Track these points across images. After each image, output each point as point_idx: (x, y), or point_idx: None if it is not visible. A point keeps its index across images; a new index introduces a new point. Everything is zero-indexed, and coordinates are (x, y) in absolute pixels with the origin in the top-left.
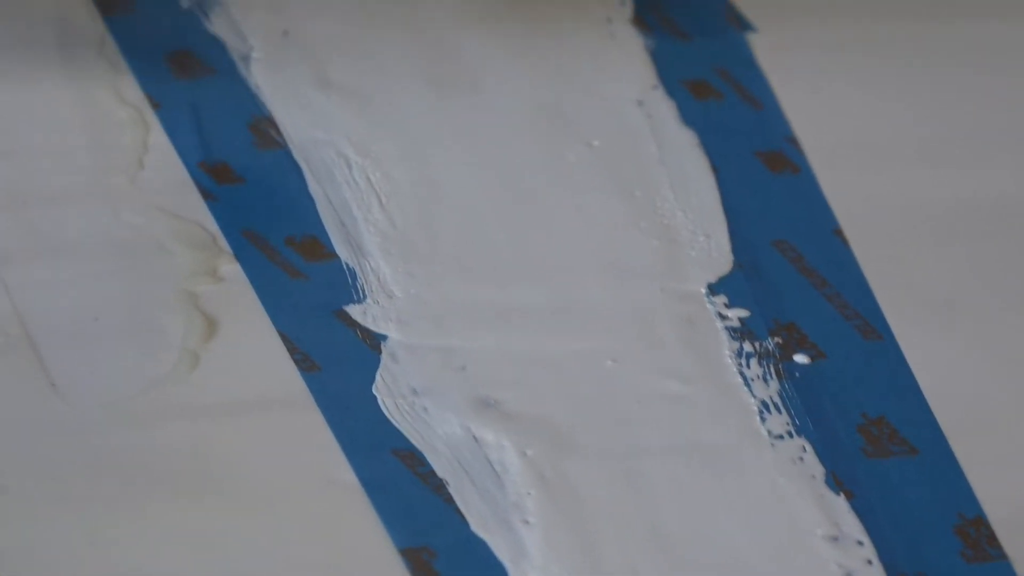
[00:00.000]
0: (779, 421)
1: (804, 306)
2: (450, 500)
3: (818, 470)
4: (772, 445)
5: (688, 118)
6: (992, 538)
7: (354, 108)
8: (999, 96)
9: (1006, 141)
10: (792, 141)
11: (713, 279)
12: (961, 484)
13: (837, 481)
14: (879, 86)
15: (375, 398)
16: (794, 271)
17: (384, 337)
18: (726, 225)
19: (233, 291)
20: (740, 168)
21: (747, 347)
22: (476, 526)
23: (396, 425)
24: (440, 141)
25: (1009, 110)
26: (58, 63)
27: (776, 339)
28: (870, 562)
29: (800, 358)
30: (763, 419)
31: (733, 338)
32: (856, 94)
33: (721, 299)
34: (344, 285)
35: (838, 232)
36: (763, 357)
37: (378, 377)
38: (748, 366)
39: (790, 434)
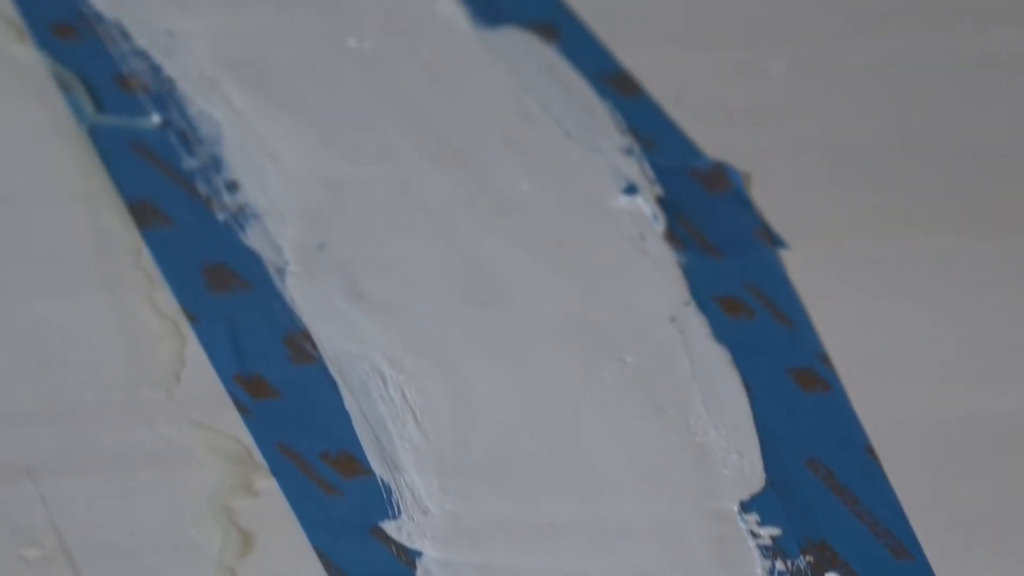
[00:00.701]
0: None
1: (836, 524)
2: None
3: None
4: None
5: (720, 335)
6: None
7: (388, 321)
8: None
9: None
10: (823, 358)
11: (745, 497)
12: None
13: None
14: (910, 302)
15: None
16: (825, 489)
17: (419, 554)
18: (758, 443)
19: (269, 506)
20: (772, 386)
21: (779, 566)
22: None
23: None
24: (473, 354)
25: None
26: (94, 275)
27: (808, 558)
28: None
29: None
30: None
31: (765, 556)
32: (887, 310)
33: (753, 517)
34: (379, 501)
35: (869, 450)
36: None
37: None
38: None
39: None
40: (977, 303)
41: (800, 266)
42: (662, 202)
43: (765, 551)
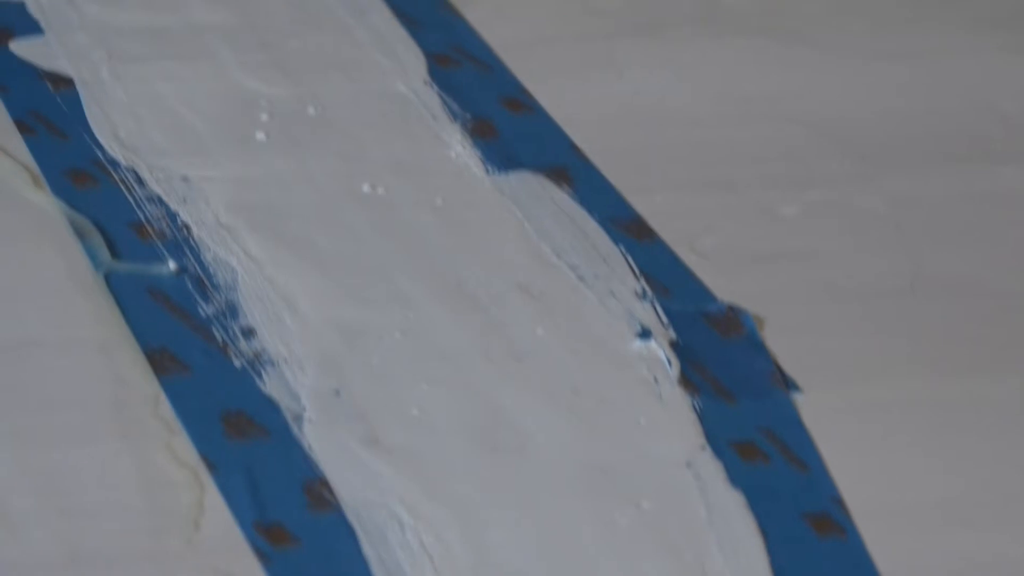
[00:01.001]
0: None
1: None
2: None
3: None
4: None
5: (736, 479)
6: None
7: (405, 468)
8: None
9: None
10: (838, 503)
11: None
12: None
13: None
14: (925, 446)
15: None
16: None
17: None
18: None
19: None
20: (787, 531)
21: None
22: None
23: None
24: (490, 501)
25: None
26: (113, 423)
27: None
28: None
29: None
30: None
31: None
32: (901, 454)
33: None
34: None
35: None
36: None
37: None
38: None
39: None
40: (990, 446)
41: (814, 410)
42: (676, 347)
43: None
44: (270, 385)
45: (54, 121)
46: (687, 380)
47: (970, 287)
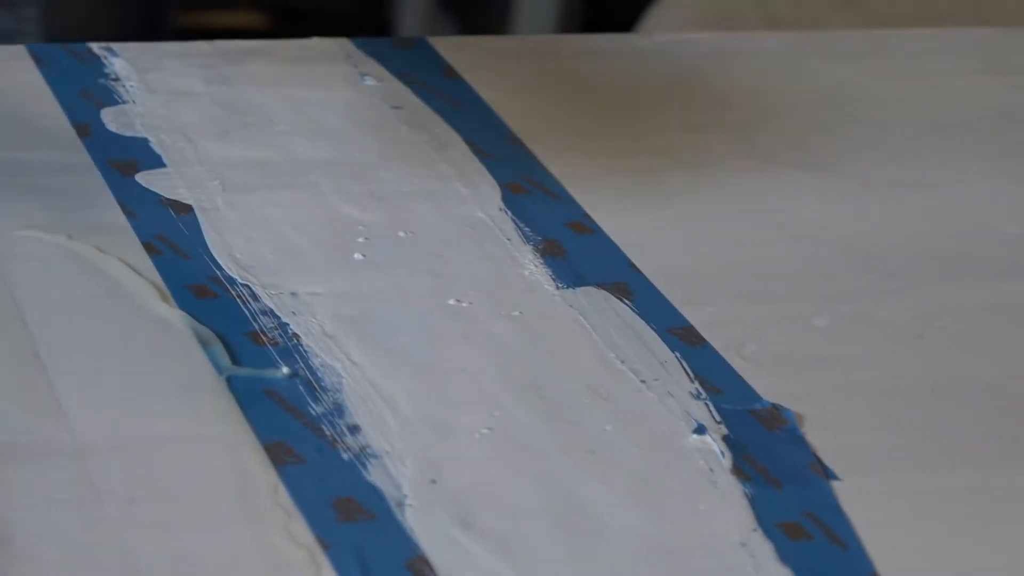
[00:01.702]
0: None
1: None
2: None
3: None
4: None
5: (784, 557)
6: None
7: (495, 549)
8: None
9: None
10: None
11: None
12: None
13: None
14: (950, 528)
15: None
16: None
17: None
18: None
19: None
20: None
21: None
22: None
23: None
24: None
25: None
26: (237, 510)
27: None
28: None
29: None
30: None
31: None
32: (930, 536)
33: None
34: None
35: None
36: None
37: None
38: None
39: None
40: (1009, 528)
41: (850, 496)
42: (728, 440)
43: None
44: (374, 475)
45: (177, 243)
46: (739, 469)
47: (984, 389)
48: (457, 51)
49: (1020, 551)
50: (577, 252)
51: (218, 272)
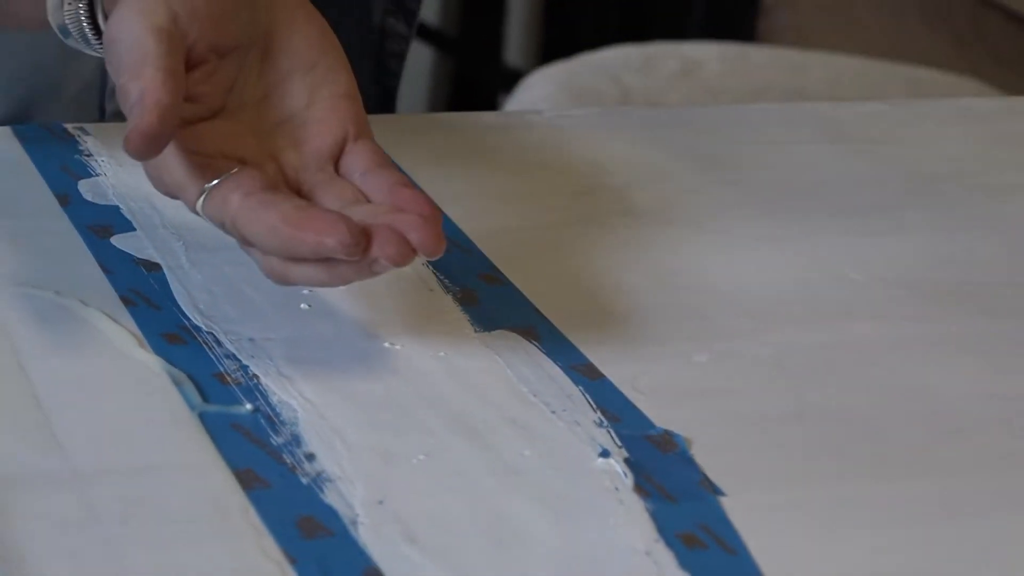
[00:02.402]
0: None
1: None
2: None
3: None
4: None
5: (684, 564)
6: None
7: (437, 560)
8: None
9: None
10: None
11: None
12: None
13: None
14: (825, 535)
15: None
16: None
17: None
18: None
19: None
20: None
21: None
22: None
23: None
24: None
25: None
26: (215, 528)
27: None
28: None
29: None
30: None
31: None
32: (808, 541)
33: None
34: None
35: None
36: None
37: None
38: None
39: None
40: (879, 532)
41: (735, 509)
42: (628, 462)
43: None
44: (330, 496)
45: (149, 296)
46: (639, 487)
47: (838, 415)
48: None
49: (871, 552)
50: (489, 300)
51: (186, 321)
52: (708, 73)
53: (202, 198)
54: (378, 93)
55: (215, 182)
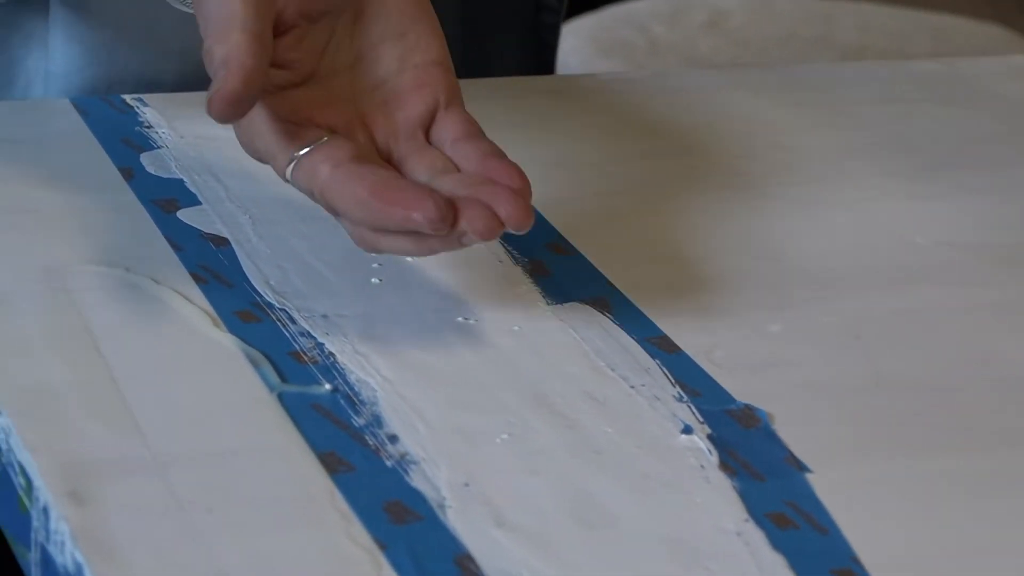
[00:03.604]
0: None
1: None
2: None
3: None
4: None
5: (776, 544)
6: None
7: (526, 543)
8: None
9: None
10: (856, 561)
11: None
12: None
13: None
14: (913, 510)
15: None
16: None
17: None
18: None
19: None
20: None
21: None
22: None
23: None
24: (592, 566)
25: None
26: (301, 514)
27: None
28: None
29: None
30: None
31: None
32: (901, 518)
33: None
34: None
35: None
36: None
37: None
38: None
39: None
40: (965, 507)
41: (822, 486)
42: (712, 439)
43: None
44: (416, 479)
45: (220, 272)
46: (725, 465)
47: (916, 384)
48: None
49: (964, 526)
50: (560, 271)
51: (258, 298)
52: (735, 23)
53: (291, 166)
54: (537, 66)
55: (304, 151)
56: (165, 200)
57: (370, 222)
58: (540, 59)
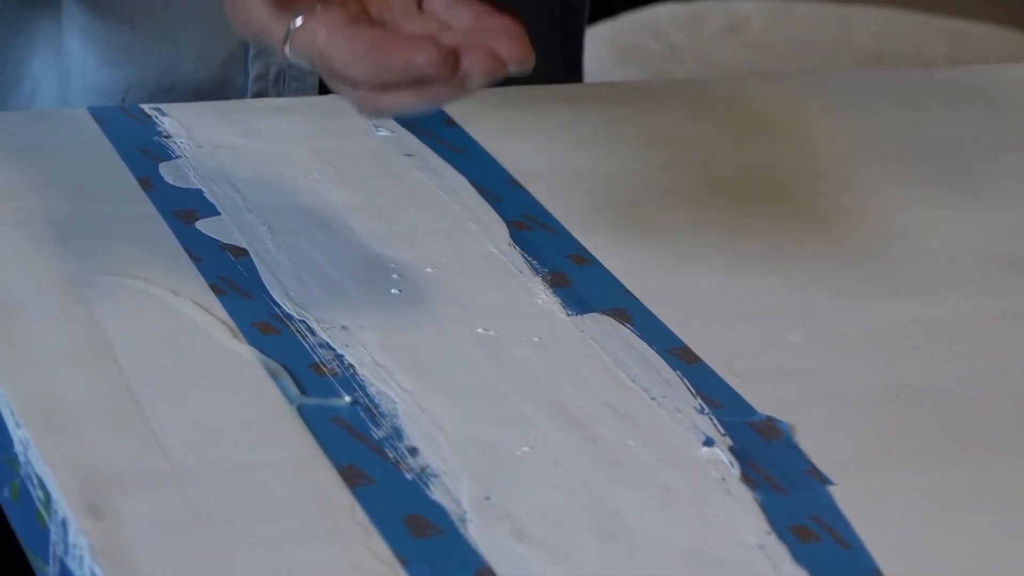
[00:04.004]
0: None
1: None
2: None
3: None
4: None
5: (798, 558)
6: None
7: (547, 557)
8: None
9: None
10: (879, 574)
11: None
12: None
13: None
14: (936, 523)
15: None
16: None
17: None
18: None
19: None
20: None
21: None
22: None
23: None
24: None
25: None
26: (321, 528)
27: None
28: None
29: None
30: None
31: None
32: (922, 531)
33: None
34: None
35: None
36: None
37: None
38: None
39: None
40: (990, 520)
41: (844, 498)
42: (734, 451)
43: None
44: (436, 493)
45: (239, 283)
46: (747, 477)
47: (939, 394)
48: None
49: (989, 540)
50: (580, 281)
51: (277, 309)
52: (754, 29)
53: (289, 38)
54: (564, 66)
55: (299, 22)
56: (184, 211)
57: (371, 76)
58: (567, 59)
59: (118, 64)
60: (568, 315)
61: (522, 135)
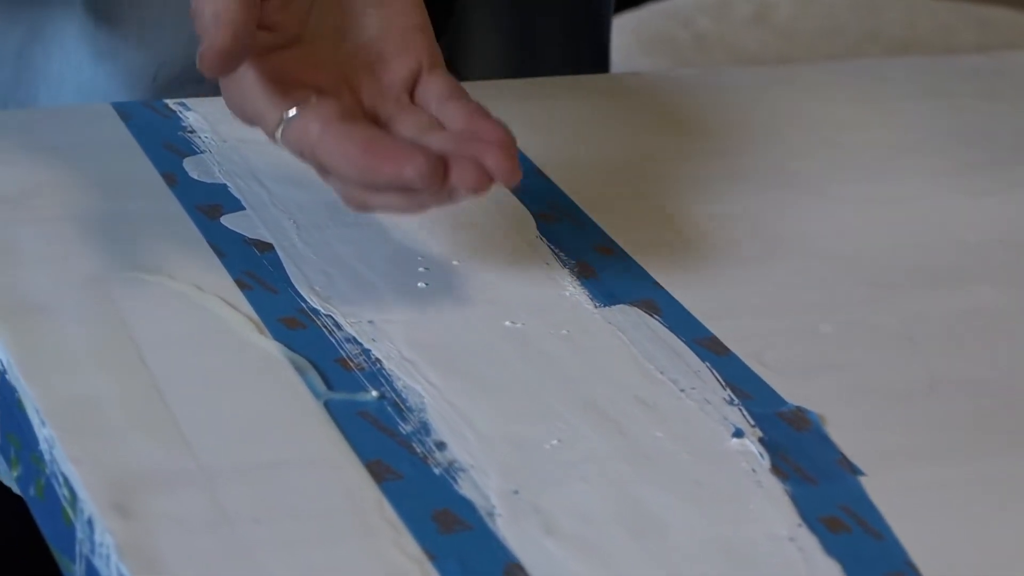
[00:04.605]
0: None
1: None
2: None
3: None
4: None
5: (830, 550)
6: None
7: (577, 552)
8: None
9: None
10: (911, 566)
11: None
12: None
13: None
14: (970, 517)
15: None
16: None
17: None
18: None
19: None
20: None
21: None
22: None
23: None
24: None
25: None
26: (350, 524)
27: None
28: None
29: None
30: None
31: None
32: (955, 524)
33: None
34: None
35: None
36: None
37: None
38: None
39: None
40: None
41: (875, 490)
42: (763, 442)
43: None
44: (464, 487)
45: (264, 278)
46: (777, 468)
47: (974, 387)
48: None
49: (1022, 531)
50: (607, 273)
51: (303, 304)
52: (781, 16)
53: (281, 127)
54: (590, 56)
55: (294, 112)
56: (209, 206)
57: (362, 179)
58: (593, 49)
59: (149, 46)
60: (596, 307)
61: (548, 125)
